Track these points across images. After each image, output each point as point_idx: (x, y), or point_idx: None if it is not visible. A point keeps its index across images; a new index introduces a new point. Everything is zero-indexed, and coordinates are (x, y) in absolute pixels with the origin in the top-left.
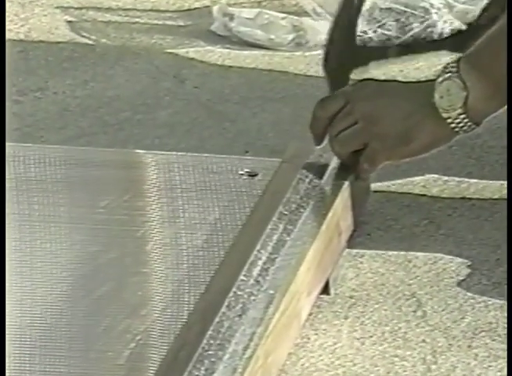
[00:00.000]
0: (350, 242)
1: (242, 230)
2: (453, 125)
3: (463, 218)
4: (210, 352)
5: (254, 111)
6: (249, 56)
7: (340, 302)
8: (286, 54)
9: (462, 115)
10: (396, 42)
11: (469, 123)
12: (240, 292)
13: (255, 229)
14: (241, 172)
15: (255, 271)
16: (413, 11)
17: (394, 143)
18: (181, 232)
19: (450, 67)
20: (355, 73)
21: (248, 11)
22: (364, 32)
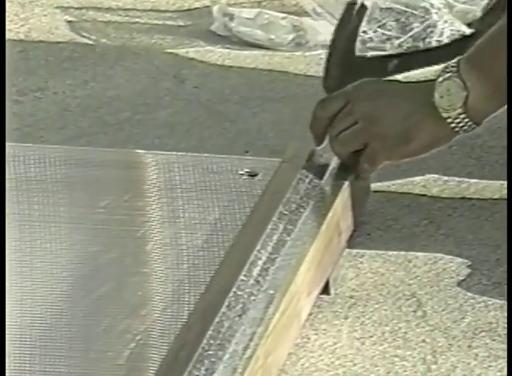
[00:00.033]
0: (350, 242)
1: (242, 230)
2: (453, 125)
3: (463, 218)
4: (210, 352)
5: (254, 111)
6: (249, 56)
7: (340, 302)
8: (286, 54)
9: (462, 115)
10: (396, 44)
11: (469, 123)
12: (240, 292)
13: (255, 229)
14: (241, 172)
15: (255, 271)
16: (414, 11)
17: (394, 143)
18: (181, 232)
19: (450, 67)
20: None
21: (248, 11)
22: (364, 32)
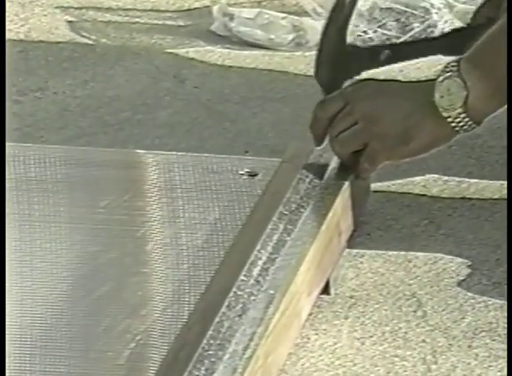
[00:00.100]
0: (350, 242)
1: (242, 230)
2: (453, 125)
3: (463, 218)
4: (210, 352)
5: (254, 111)
6: (249, 56)
7: (340, 302)
8: (286, 54)
9: (462, 114)
10: (394, 42)
11: (469, 122)
12: (240, 292)
13: (255, 229)
14: (241, 172)
15: (255, 271)
16: (414, 11)
17: (394, 143)
18: (181, 232)
19: (451, 67)
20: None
21: (248, 11)
22: (364, 32)
